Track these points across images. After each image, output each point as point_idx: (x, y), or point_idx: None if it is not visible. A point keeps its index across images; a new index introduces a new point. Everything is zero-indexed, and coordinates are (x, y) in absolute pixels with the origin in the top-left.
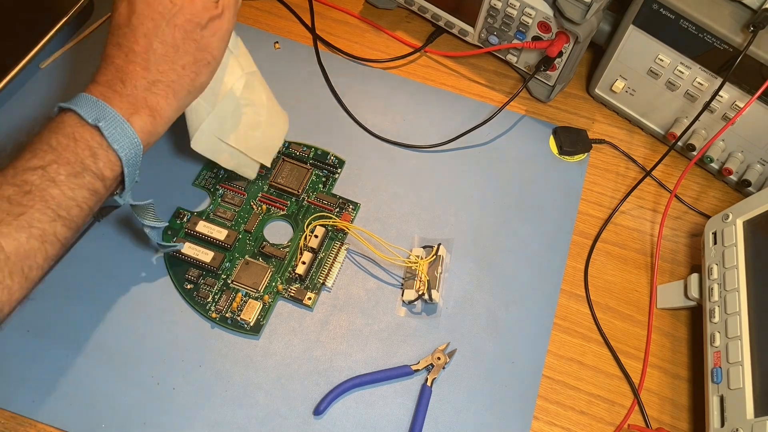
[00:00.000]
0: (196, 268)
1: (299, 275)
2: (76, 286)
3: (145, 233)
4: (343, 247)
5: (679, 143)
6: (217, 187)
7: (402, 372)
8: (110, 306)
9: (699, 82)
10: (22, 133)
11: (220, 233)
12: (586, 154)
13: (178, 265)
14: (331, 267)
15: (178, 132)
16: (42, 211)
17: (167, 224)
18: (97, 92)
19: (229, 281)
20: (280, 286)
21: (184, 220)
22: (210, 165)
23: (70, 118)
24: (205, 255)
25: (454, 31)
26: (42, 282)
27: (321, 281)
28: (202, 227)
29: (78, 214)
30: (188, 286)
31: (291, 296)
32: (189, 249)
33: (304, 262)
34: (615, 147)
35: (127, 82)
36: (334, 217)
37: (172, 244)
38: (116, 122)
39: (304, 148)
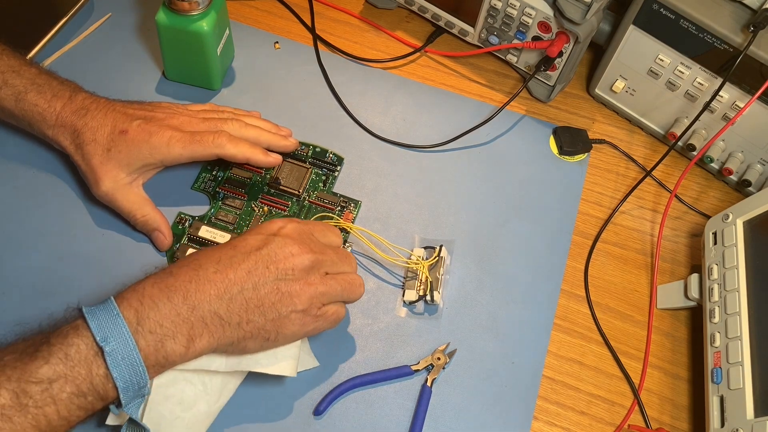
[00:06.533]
0: None
1: None
2: (76, 287)
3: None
4: (344, 247)
5: (679, 143)
6: (218, 190)
7: (402, 372)
8: None
9: (699, 82)
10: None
11: (223, 237)
12: (586, 154)
13: None
14: None
15: None
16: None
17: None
18: (131, 302)
19: None
20: None
21: (186, 225)
22: (208, 168)
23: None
24: None
25: (454, 31)
26: (42, 282)
27: None
28: (205, 232)
29: (61, 430)
30: None
31: None
32: None
33: None
34: (615, 147)
35: (188, 299)
36: (336, 216)
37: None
38: (125, 350)
39: (303, 147)
